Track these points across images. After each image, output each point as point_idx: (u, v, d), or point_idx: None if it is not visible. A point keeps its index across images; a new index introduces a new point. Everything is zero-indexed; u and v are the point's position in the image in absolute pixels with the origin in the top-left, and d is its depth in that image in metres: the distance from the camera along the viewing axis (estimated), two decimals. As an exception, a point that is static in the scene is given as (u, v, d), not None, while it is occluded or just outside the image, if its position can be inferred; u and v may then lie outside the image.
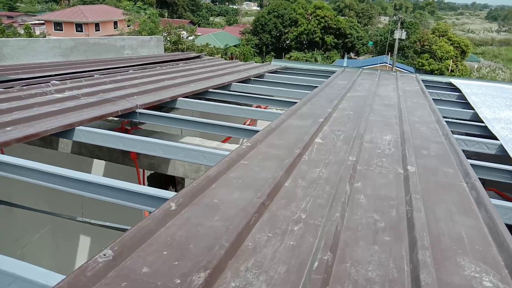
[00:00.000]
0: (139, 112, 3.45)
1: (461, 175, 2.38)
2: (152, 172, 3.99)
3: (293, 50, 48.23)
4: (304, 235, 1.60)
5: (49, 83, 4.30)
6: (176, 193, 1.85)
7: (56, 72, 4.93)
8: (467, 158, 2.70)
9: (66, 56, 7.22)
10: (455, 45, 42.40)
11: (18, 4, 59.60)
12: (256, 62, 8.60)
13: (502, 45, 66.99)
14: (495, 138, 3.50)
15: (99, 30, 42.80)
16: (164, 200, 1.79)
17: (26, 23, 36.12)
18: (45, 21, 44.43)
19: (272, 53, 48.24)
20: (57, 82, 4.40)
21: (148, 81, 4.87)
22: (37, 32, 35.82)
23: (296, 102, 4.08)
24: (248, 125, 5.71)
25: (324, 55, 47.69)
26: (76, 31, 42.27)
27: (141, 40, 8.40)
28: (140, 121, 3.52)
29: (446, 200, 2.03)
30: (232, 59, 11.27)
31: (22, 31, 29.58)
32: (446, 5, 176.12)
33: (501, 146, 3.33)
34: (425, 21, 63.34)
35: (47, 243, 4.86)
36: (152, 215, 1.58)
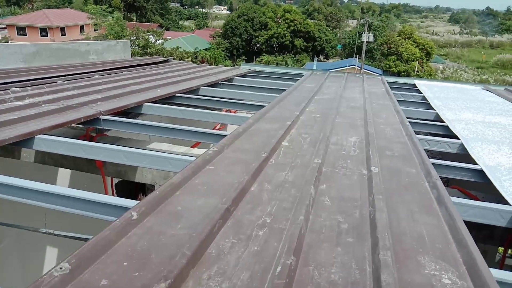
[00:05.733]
0: (102, 119, 3.37)
1: (423, 175, 2.44)
2: (120, 179, 3.90)
3: (264, 54, 48.46)
4: (268, 240, 1.60)
5: (8, 91, 4.14)
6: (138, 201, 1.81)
7: (17, 79, 4.75)
8: (432, 157, 2.77)
9: (28, 62, 6.97)
10: (420, 47, 43.67)
11: (-22, 8, 57.35)
12: (226, 66, 8.58)
13: (464, 47, 69.39)
14: (457, 138, 3.61)
15: (64, 35, 41.74)
16: (129, 209, 1.75)
17: (-13, 28, 34.77)
18: (7, 25, 42.98)
19: (243, 57, 48.32)
20: (17, 89, 4.25)
21: (113, 86, 4.77)
22: (-1, 37, 34.61)
23: (265, 106, 4.09)
24: (218, 129, 5.68)
25: (295, 58, 48.13)
26: (41, 35, 41.10)
27: (106, 44, 8.23)
28: (104, 127, 3.44)
29: (408, 199, 2.07)
30: (203, 63, 11.22)
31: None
32: (411, 8, 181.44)
33: (462, 145, 3.44)
34: (391, 24, 64.87)
35: (11, 253, 4.67)
36: (113, 225, 1.54)
